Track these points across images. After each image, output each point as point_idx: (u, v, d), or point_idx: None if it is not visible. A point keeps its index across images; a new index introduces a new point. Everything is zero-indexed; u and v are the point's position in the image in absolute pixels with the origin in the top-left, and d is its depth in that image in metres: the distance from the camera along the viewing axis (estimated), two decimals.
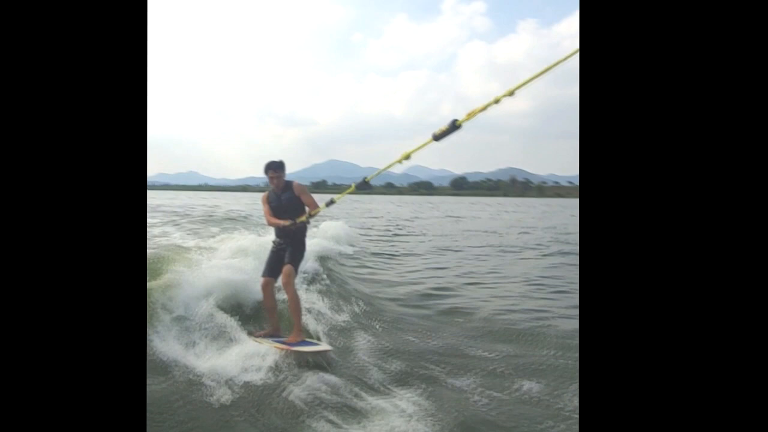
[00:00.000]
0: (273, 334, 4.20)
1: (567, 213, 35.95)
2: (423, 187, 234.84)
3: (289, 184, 4.25)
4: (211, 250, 6.86)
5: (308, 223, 4.17)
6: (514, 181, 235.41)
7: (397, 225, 20.56)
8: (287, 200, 4.22)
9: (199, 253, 6.36)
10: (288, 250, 4.16)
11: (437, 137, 2.81)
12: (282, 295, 4.43)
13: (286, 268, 4.06)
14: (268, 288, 4.24)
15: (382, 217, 26.22)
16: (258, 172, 4.23)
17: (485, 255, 11.36)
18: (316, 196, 4.29)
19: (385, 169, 3.67)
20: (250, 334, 4.20)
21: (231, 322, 4.21)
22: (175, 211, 18.35)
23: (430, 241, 14.47)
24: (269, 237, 4.53)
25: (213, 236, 9.61)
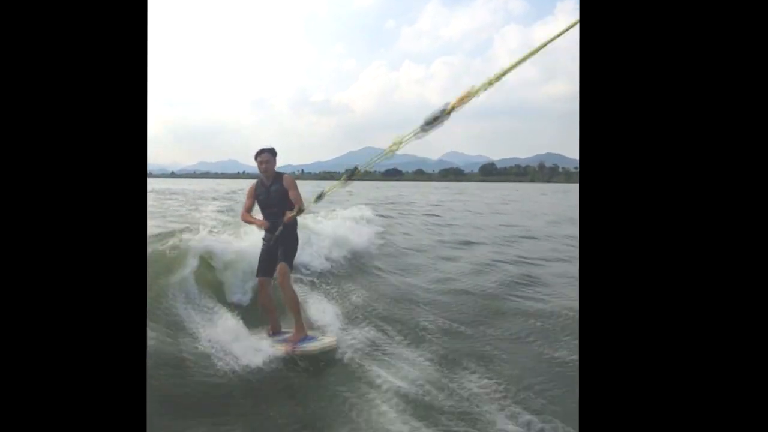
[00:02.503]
0: (274, 333, 3.96)
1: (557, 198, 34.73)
2: (452, 174, 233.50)
3: (279, 176, 3.91)
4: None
5: (294, 219, 3.82)
6: (541, 166, 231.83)
7: None
8: (276, 192, 3.87)
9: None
10: (280, 247, 3.84)
11: (427, 125, 2.41)
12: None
13: (281, 266, 3.77)
14: (264, 288, 3.97)
15: None
16: (294, 160, 4.03)
17: None
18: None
19: (375, 161, 2.97)
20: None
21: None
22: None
23: None
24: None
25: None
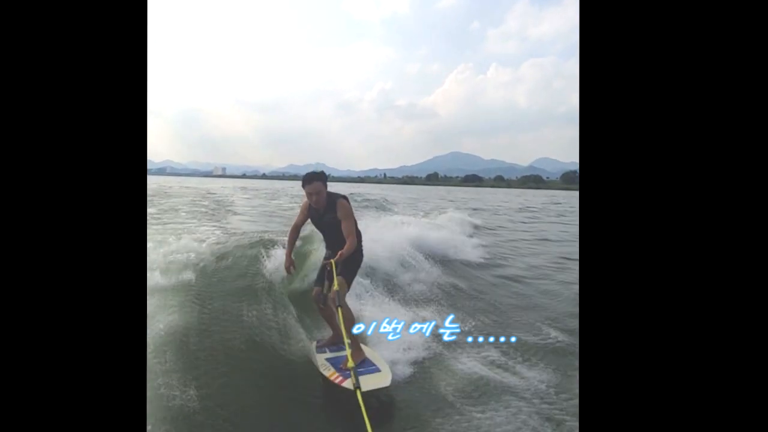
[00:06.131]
0: (335, 342, 3.67)
1: None
2: (531, 181, 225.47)
3: (333, 201, 3.41)
4: None
5: (336, 267, 3.24)
6: None
7: None
8: (329, 223, 3.44)
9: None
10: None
11: None
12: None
13: (338, 280, 3.30)
14: (319, 298, 3.68)
15: None
16: (379, 164, 3.40)
17: None
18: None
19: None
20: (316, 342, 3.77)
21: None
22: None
23: None
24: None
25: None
